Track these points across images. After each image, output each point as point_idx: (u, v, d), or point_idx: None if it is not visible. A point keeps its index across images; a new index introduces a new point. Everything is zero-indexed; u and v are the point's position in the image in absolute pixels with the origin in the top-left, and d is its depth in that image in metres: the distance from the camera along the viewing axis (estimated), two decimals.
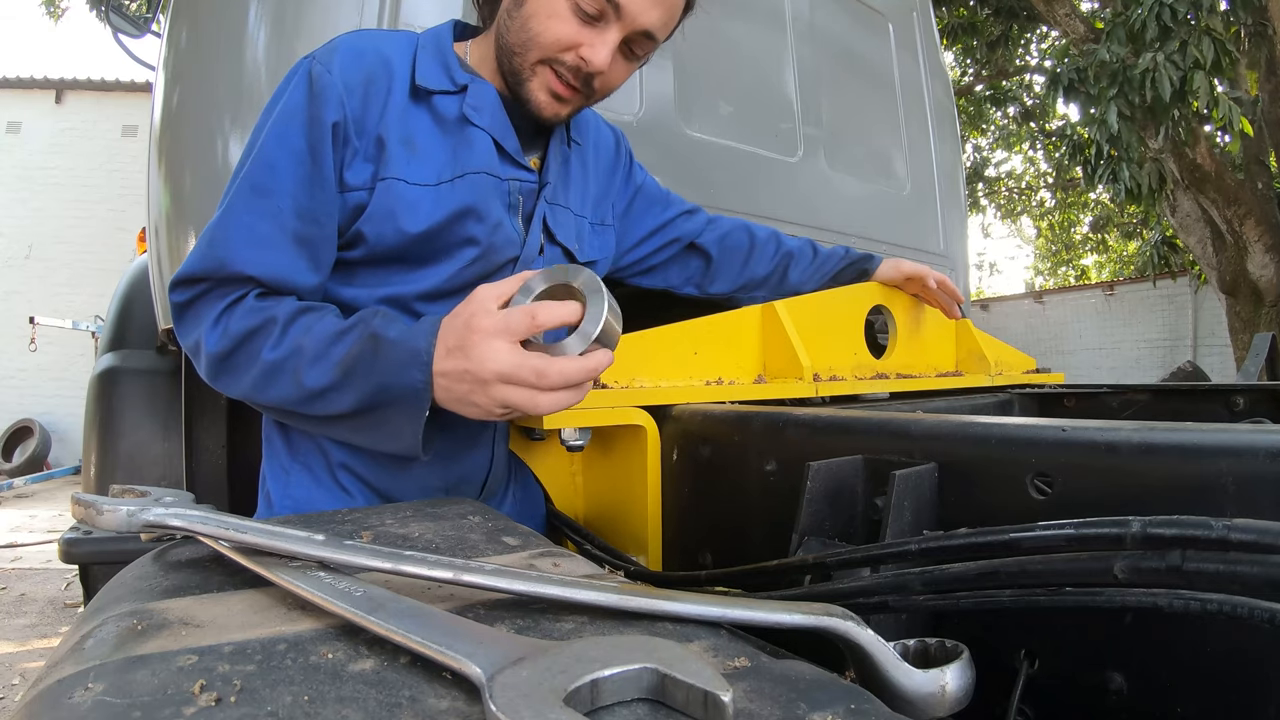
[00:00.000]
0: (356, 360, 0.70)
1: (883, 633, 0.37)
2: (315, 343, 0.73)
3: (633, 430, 0.87)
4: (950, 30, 9.02)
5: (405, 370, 0.69)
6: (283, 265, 0.78)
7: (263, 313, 0.75)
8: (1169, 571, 0.37)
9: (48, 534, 5.32)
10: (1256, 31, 6.66)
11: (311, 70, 0.80)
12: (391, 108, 0.82)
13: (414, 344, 0.69)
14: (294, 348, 0.73)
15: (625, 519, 0.89)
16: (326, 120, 0.78)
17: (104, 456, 1.86)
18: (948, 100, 2.40)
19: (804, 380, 1.01)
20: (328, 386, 0.72)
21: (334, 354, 0.72)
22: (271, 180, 0.77)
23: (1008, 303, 13.57)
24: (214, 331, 0.76)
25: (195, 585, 0.42)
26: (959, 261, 2.35)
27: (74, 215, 9.70)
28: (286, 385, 0.74)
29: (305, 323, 0.75)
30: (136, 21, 2.15)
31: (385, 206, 0.80)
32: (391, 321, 0.73)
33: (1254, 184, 7.35)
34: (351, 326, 0.73)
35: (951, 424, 0.58)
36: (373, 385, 0.70)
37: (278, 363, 0.73)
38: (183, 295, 0.78)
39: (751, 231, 1.23)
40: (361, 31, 0.87)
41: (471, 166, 0.85)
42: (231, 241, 0.77)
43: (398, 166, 0.81)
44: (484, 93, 0.87)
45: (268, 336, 0.74)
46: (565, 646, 0.31)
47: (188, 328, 0.79)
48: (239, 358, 0.76)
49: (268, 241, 0.77)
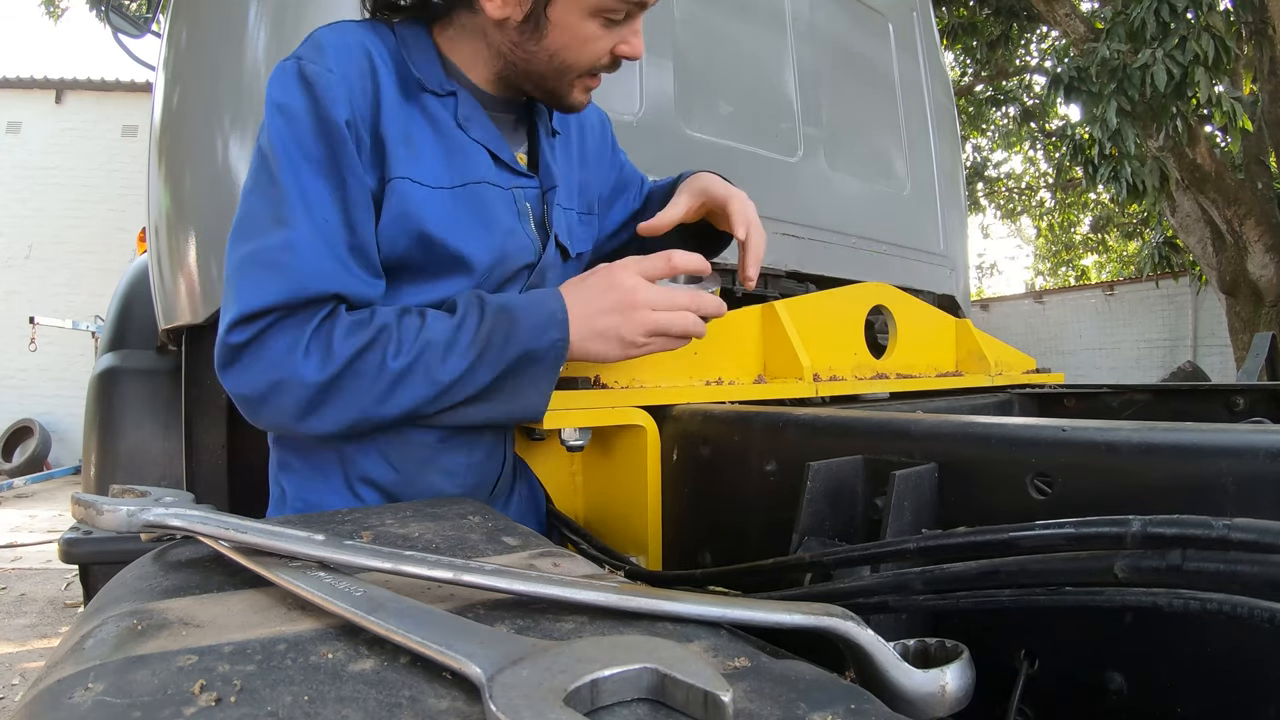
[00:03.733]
0: (490, 335, 0.73)
1: (883, 633, 0.37)
2: (439, 334, 0.72)
3: (633, 430, 0.87)
4: (950, 30, 9.02)
5: (544, 332, 0.75)
6: (353, 279, 0.74)
7: (368, 326, 0.72)
8: (1169, 571, 0.37)
9: (48, 534, 5.32)
10: (1257, 30, 6.65)
11: (305, 71, 0.75)
12: (385, 104, 0.78)
13: (547, 306, 0.75)
14: (421, 346, 0.72)
15: (625, 519, 0.89)
16: (338, 119, 0.74)
17: (104, 456, 1.87)
18: (948, 100, 2.40)
19: (804, 380, 1.01)
20: (465, 370, 0.73)
21: (463, 338, 0.73)
22: (308, 197, 0.73)
23: (1008, 303, 13.56)
24: (309, 361, 0.70)
25: (195, 585, 0.42)
26: (959, 261, 2.35)
27: (74, 215, 9.69)
28: (418, 386, 0.72)
29: (412, 322, 0.73)
30: (136, 21, 2.15)
31: (397, 209, 0.77)
32: (505, 294, 0.78)
33: (1254, 184, 7.35)
34: (468, 308, 0.75)
35: (951, 424, 0.58)
36: (512, 355, 0.74)
37: (407, 366, 0.71)
38: (243, 334, 0.70)
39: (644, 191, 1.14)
40: (336, 25, 0.81)
41: (473, 176, 0.82)
42: (299, 264, 0.71)
43: (403, 165, 0.77)
44: (470, 104, 0.84)
45: (386, 345, 0.71)
46: (565, 646, 0.31)
47: (255, 368, 0.71)
48: (352, 379, 0.71)
49: (332, 257, 0.73)
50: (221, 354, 0.72)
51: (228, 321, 0.71)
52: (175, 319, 1.38)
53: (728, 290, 1.55)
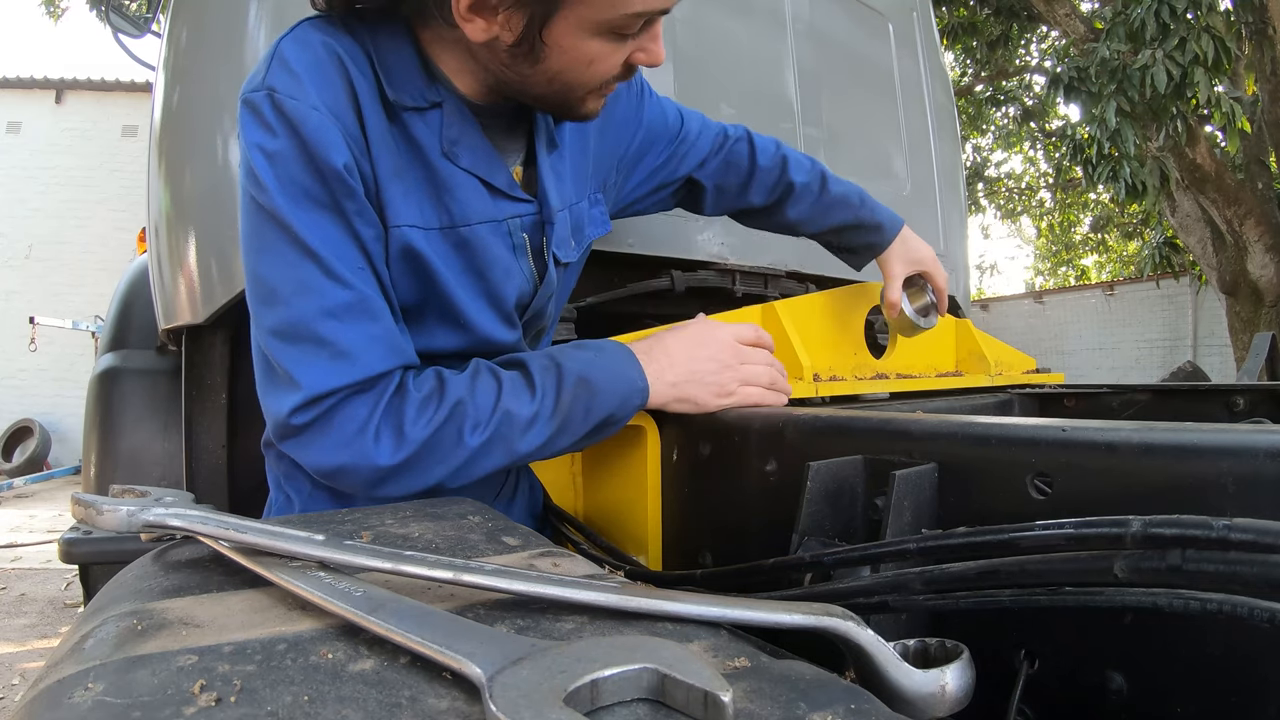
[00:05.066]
0: (571, 407, 0.73)
1: (883, 633, 0.37)
2: (519, 408, 0.71)
3: (633, 430, 0.87)
4: (950, 30, 9.01)
5: (626, 401, 0.76)
6: (403, 341, 0.72)
7: (441, 403, 0.69)
8: (1169, 571, 0.37)
9: (48, 534, 5.32)
10: (1258, 30, 6.65)
11: (285, 109, 0.65)
12: (371, 132, 0.70)
13: (628, 374, 0.77)
14: (499, 420, 0.70)
15: (625, 519, 0.89)
16: (336, 164, 0.66)
17: (104, 456, 1.87)
18: (948, 100, 2.40)
19: (804, 380, 1.01)
20: (545, 441, 0.73)
21: (543, 412, 0.72)
22: (335, 249, 0.68)
23: (1008, 303, 13.57)
24: (380, 446, 0.67)
25: (195, 585, 0.42)
26: (959, 262, 2.35)
27: (74, 215, 9.70)
28: (497, 457, 0.71)
29: (486, 391, 0.70)
30: (136, 21, 2.15)
31: (401, 252, 0.73)
32: (578, 355, 0.76)
33: (1254, 184, 7.35)
34: (545, 379, 0.73)
35: (951, 424, 0.58)
36: (594, 422, 0.75)
37: (486, 441, 0.70)
38: (306, 416, 0.67)
39: (754, 155, 1.07)
40: (301, 35, 0.70)
41: (465, 218, 0.76)
42: (353, 338, 0.67)
43: (399, 209, 0.72)
44: (458, 117, 0.75)
45: (463, 421, 0.69)
46: (565, 646, 0.31)
47: (322, 445, 0.67)
48: (428, 456, 0.68)
49: (381, 319, 0.70)
50: (281, 430, 0.68)
51: (291, 405, 0.66)
52: (175, 319, 1.38)
53: (725, 290, 1.55)
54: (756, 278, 1.61)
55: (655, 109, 1.00)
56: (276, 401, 0.68)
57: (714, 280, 1.52)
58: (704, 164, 1.05)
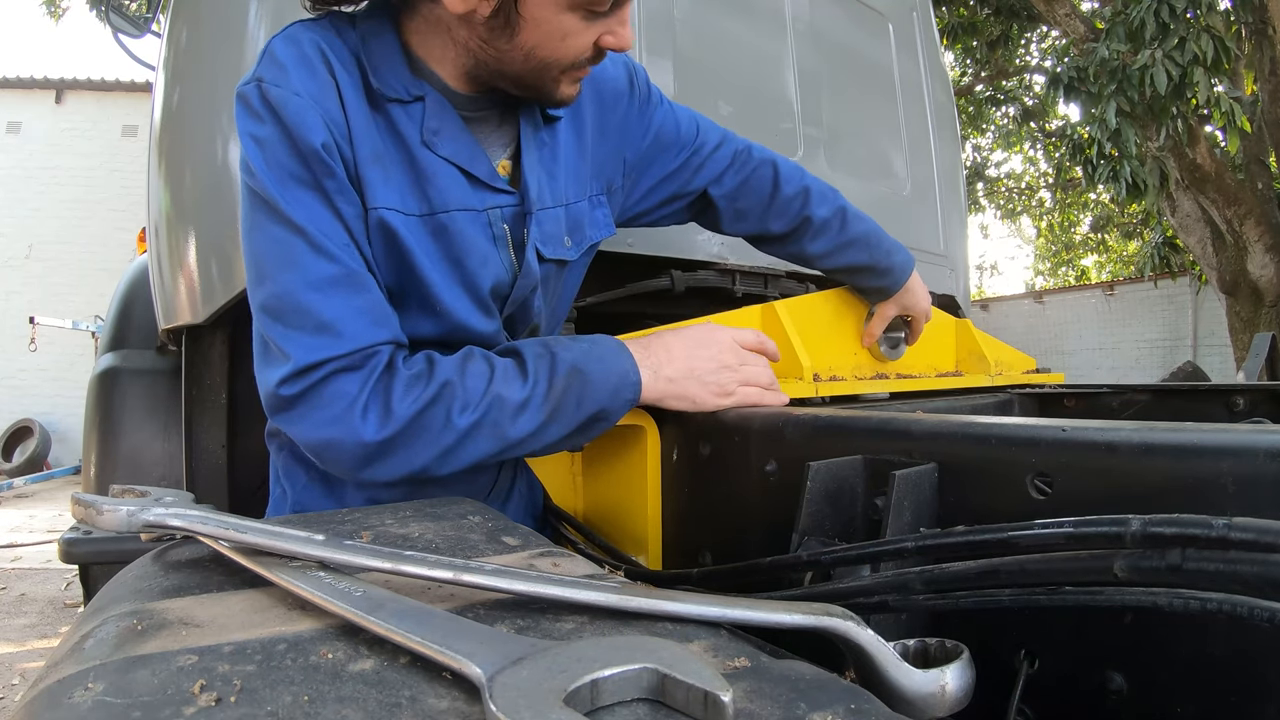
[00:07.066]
0: (563, 396, 0.73)
1: (883, 633, 0.37)
2: (510, 393, 0.71)
3: (633, 430, 0.87)
4: (950, 30, 9.01)
5: (618, 393, 0.76)
6: (391, 315, 0.72)
7: (429, 382, 0.70)
8: (1169, 570, 0.37)
9: (48, 534, 5.32)
10: (1257, 30, 6.65)
11: (269, 96, 0.70)
12: (353, 119, 0.73)
13: (620, 366, 0.77)
14: (489, 403, 0.70)
15: (625, 519, 0.89)
16: (314, 143, 0.69)
17: (104, 456, 1.87)
18: (948, 100, 2.40)
19: (804, 380, 1.01)
20: (536, 429, 0.73)
21: (534, 399, 0.72)
22: (322, 227, 0.70)
23: (1008, 303, 13.57)
24: (367, 421, 0.68)
25: (195, 585, 0.42)
26: (959, 262, 2.35)
27: (74, 215, 9.70)
28: (486, 442, 0.71)
29: (478, 375, 0.71)
30: (136, 21, 2.15)
31: (382, 235, 0.74)
32: (573, 345, 0.76)
33: (1254, 184, 7.35)
34: (538, 365, 0.73)
35: (951, 424, 0.58)
36: (585, 415, 0.75)
37: (475, 423, 0.70)
38: (295, 387, 0.68)
39: (777, 181, 1.07)
40: (291, 33, 0.75)
41: (442, 204, 0.77)
42: (339, 311, 0.69)
43: (379, 192, 0.74)
44: (440, 109, 0.77)
45: (451, 401, 0.70)
46: (565, 646, 0.31)
47: (311, 419, 0.69)
48: (418, 437, 0.69)
49: (368, 293, 0.71)
50: (272, 402, 0.70)
51: (279, 376, 0.68)
52: (175, 319, 1.38)
53: (725, 290, 1.55)
54: (756, 277, 1.61)
55: (667, 116, 1.00)
56: (268, 374, 0.70)
57: (714, 280, 1.52)
58: (720, 179, 1.05)
